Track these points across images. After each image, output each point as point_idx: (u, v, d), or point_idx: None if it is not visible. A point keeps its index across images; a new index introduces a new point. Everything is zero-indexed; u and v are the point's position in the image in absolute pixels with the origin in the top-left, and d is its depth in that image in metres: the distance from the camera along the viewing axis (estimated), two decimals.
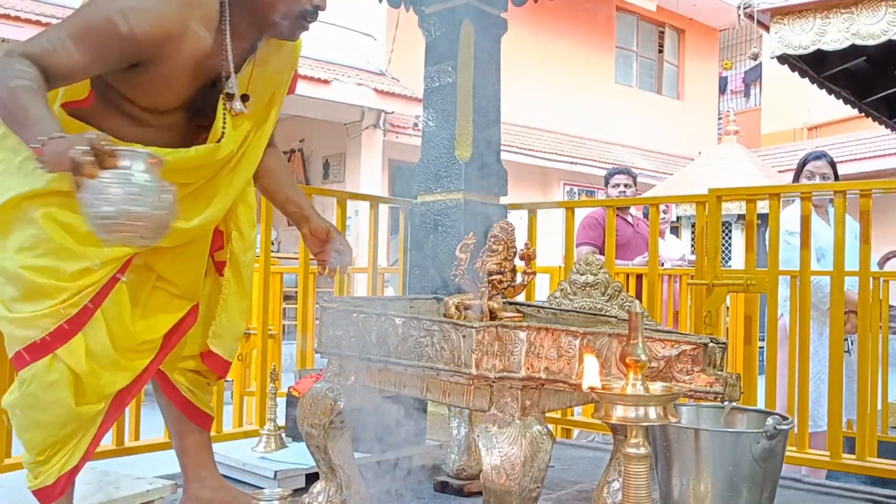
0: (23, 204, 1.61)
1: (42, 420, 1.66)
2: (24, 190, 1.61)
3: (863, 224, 2.67)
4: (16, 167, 1.64)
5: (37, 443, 1.68)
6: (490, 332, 1.55)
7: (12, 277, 1.61)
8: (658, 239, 3.22)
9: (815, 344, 3.19)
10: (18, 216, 1.61)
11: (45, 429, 1.67)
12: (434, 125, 3.01)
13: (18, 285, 1.60)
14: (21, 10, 7.24)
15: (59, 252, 1.60)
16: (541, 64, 12.69)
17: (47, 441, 1.68)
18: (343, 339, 1.86)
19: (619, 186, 4.73)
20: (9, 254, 1.61)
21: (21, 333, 1.62)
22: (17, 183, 1.62)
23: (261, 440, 2.57)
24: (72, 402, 1.66)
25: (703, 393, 1.58)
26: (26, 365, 1.63)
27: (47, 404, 1.65)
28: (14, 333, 1.63)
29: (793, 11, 4.49)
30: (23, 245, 1.61)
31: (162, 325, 1.84)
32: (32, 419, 1.66)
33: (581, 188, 13.16)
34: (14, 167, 1.64)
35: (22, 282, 1.60)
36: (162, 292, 1.84)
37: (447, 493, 2.35)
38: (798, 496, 2.50)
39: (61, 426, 1.68)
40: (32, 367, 1.63)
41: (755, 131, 15.66)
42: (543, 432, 1.55)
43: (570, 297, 2.13)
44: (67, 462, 1.70)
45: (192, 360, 2.01)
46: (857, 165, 11.38)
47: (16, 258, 1.60)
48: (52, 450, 1.69)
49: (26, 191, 1.60)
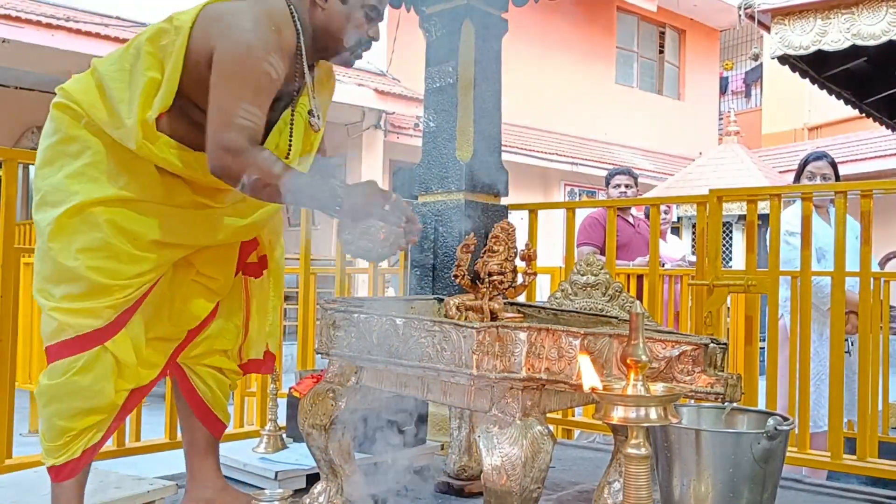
0: (89, 209, 1.73)
1: (81, 407, 1.75)
2: (90, 196, 1.73)
3: (863, 224, 2.66)
4: (79, 172, 1.75)
5: (68, 428, 1.76)
6: (491, 333, 1.55)
7: (75, 276, 1.72)
8: (659, 239, 3.22)
9: (816, 344, 3.19)
10: (84, 220, 1.73)
11: (81, 415, 1.75)
12: (435, 126, 3.01)
13: (81, 283, 1.72)
14: (22, 10, 7.25)
15: (121, 256, 1.74)
16: (541, 64, 12.69)
17: (79, 427, 1.76)
18: (344, 340, 1.86)
19: (619, 187, 4.73)
20: (72, 253, 1.72)
21: (80, 322, 1.72)
22: (82, 188, 1.73)
23: (262, 441, 2.57)
24: (112, 390, 1.77)
25: (704, 393, 1.58)
26: (72, 355, 1.72)
27: (91, 393, 1.74)
28: (69, 322, 1.72)
29: (793, 12, 4.49)
30: (87, 246, 1.72)
31: (196, 315, 1.94)
32: (72, 406, 1.74)
33: (582, 189, 13.16)
34: (77, 172, 1.75)
35: (84, 280, 1.71)
36: (198, 285, 1.95)
37: (448, 493, 2.35)
38: (799, 497, 2.50)
39: (97, 413, 1.77)
40: (81, 357, 1.72)
41: (756, 132, 15.66)
42: (544, 433, 1.55)
43: (571, 297, 2.14)
44: (92, 439, 1.79)
45: (219, 356, 2.05)
46: (857, 166, 11.37)
47: (80, 258, 1.71)
48: (84, 435, 1.78)
49: (93, 197, 1.73)
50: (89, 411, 1.76)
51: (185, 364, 2.03)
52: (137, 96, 1.71)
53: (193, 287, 1.94)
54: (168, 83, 1.71)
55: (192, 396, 2.03)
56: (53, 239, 1.72)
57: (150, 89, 1.72)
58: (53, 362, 1.75)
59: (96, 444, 1.81)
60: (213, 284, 1.96)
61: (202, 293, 1.95)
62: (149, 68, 1.73)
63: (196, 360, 2.02)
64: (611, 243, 3.25)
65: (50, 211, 1.74)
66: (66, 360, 1.73)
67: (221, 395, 2.07)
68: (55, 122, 1.80)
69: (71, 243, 1.72)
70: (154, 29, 1.78)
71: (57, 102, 1.81)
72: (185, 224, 1.83)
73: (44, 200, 1.76)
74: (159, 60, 1.74)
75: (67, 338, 1.73)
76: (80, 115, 1.77)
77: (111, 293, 1.73)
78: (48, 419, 1.77)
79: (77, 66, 8.23)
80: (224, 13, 1.72)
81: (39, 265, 1.77)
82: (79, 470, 1.79)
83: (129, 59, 1.77)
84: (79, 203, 1.72)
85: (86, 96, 1.77)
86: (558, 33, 13.16)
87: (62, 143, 1.78)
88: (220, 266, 1.97)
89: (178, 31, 1.73)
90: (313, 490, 1.99)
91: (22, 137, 9.62)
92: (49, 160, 1.79)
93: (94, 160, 1.75)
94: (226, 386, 2.09)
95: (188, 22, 1.72)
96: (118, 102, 1.73)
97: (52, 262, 1.73)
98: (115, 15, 8.40)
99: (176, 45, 1.72)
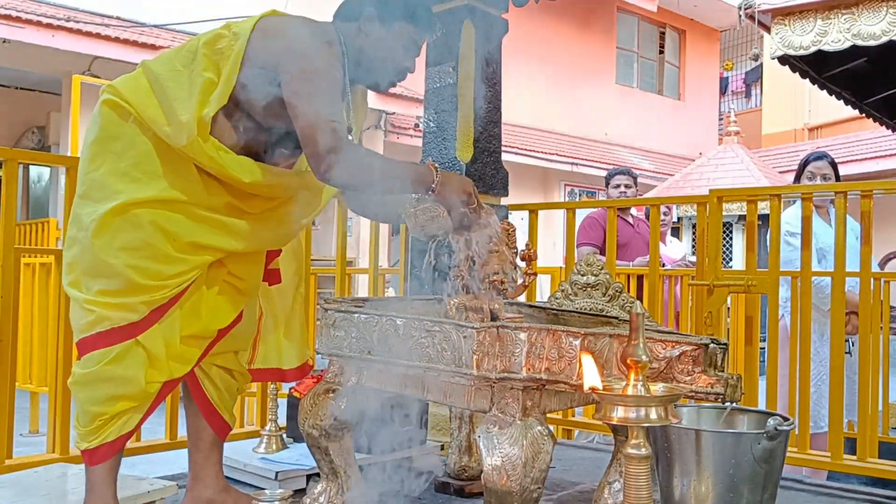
0: (132, 210, 1.79)
1: (113, 394, 1.82)
2: (134, 197, 1.79)
3: (864, 225, 2.66)
4: (122, 171, 1.81)
5: (100, 413, 1.83)
6: (491, 333, 1.55)
7: (114, 272, 1.78)
8: (658, 239, 3.21)
9: (816, 345, 3.19)
10: (127, 219, 1.79)
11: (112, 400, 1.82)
12: (435, 126, 3.01)
13: (119, 280, 1.79)
14: (22, 10, 7.25)
15: (159, 257, 1.80)
16: (541, 64, 12.69)
17: (111, 412, 1.83)
18: (344, 340, 1.86)
19: (619, 187, 4.73)
20: (114, 251, 1.78)
21: (117, 315, 1.79)
22: (126, 188, 1.80)
23: (262, 441, 2.57)
24: (143, 379, 1.83)
25: (704, 394, 1.58)
26: (106, 346, 1.79)
27: (123, 380, 1.81)
28: (107, 314, 1.79)
29: (793, 12, 4.49)
30: (129, 245, 1.79)
31: (227, 316, 1.98)
32: (104, 393, 1.82)
33: (582, 189, 13.16)
34: (120, 171, 1.81)
35: (123, 278, 1.78)
36: (229, 286, 1.99)
37: (448, 493, 2.35)
38: (799, 497, 2.51)
39: (129, 399, 1.84)
40: (114, 349, 1.80)
41: (756, 132, 15.65)
42: (544, 433, 1.55)
43: (571, 297, 2.14)
44: (126, 425, 1.86)
45: (231, 357, 2.08)
46: (858, 166, 11.36)
47: (121, 256, 1.78)
48: (117, 420, 1.84)
49: (136, 198, 1.79)
50: (121, 398, 1.82)
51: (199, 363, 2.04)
52: (196, 94, 1.79)
53: (225, 287, 1.98)
54: (224, 84, 1.80)
55: (199, 395, 2.05)
56: (97, 235, 1.79)
57: (207, 88, 1.80)
58: (88, 353, 1.82)
59: (130, 432, 1.87)
60: (241, 285, 2.01)
61: (232, 294, 1.99)
62: (206, 69, 1.81)
63: (208, 360, 2.03)
64: (611, 243, 3.25)
65: (93, 206, 1.81)
66: (100, 351, 1.80)
67: (228, 396, 2.09)
68: (102, 120, 1.86)
69: (113, 241, 1.79)
70: (211, 34, 1.87)
71: (106, 100, 1.87)
72: (222, 228, 1.88)
73: (87, 195, 1.84)
74: (215, 63, 1.82)
75: (102, 329, 1.80)
76: (127, 114, 1.83)
77: (147, 291, 1.80)
78: (81, 405, 1.84)
79: (77, 66, 8.19)
80: (284, 28, 1.84)
81: (78, 257, 1.83)
82: (112, 454, 1.86)
83: (182, 59, 1.86)
84: (123, 202, 1.78)
85: (136, 95, 1.83)
86: (558, 34, 13.15)
87: (106, 140, 1.84)
88: (248, 268, 2.02)
89: (235, 37, 1.83)
90: (313, 490, 1.99)
91: (22, 138, 9.63)
92: (93, 156, 1.85)
93: (137, 161, 1.82)
94: (233, 388, 2.11)
95: (247, 30, 1.83)
96: (173, 100, 1.80)
97: (93, 257, 1.80)
98: (115, 15, 8.41)
99: (234, 50, 1.81)
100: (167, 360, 1.86)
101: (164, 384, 1.89)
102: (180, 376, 1.92)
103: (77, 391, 1.84)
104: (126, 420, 1.85)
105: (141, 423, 1.91)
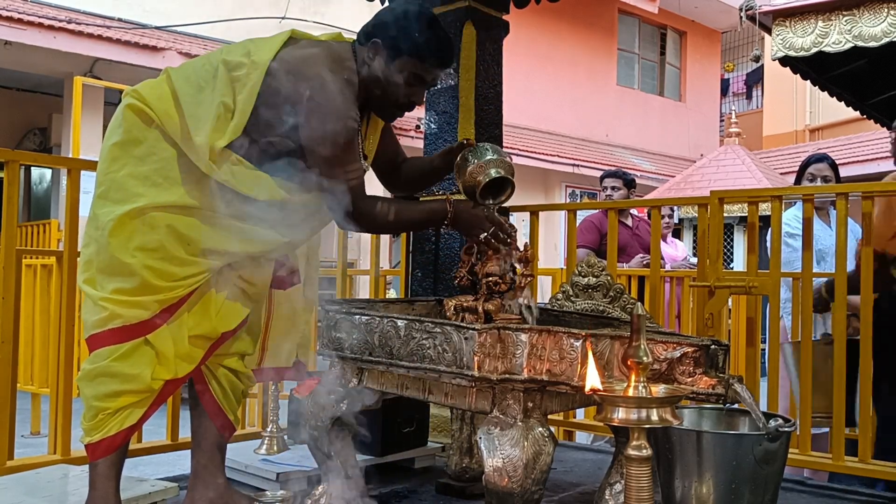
0: (151, 213, 1.84)
1: (117, 389, 1.84)
2: (153, 201, 1.84)
3: (864, 226, 2.66)
4: (144, 175, 1.86)
5: (103, 408, 1.85)
6: (492, 335, 1.55)
7: (129, 271, 1.83)
8: (659, 241, 3.21)
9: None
10: (145, 221, 1.84)
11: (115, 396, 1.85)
12: (436, 127, 3.01)
13: (134, 279, 1.83)
14: (24, 12, 7.25)
15: (173, 259, 1.85)
16: (542, 66, 12.69)
17: (113, 406, 1.85)
18: (345, 342, 1.87)
19: (607, 189, 4.74)
20: (130, 251, 1.83)
21: (130, 313, 1.83)
22: (146, 192, 1.85)
23: (263, 442, 2.57)
24: (149, 376, 1.86)
25: (705, 395, 1.58)
26: (116, 343, 1.83)
27: (128, 377, 1.84)
28: (121, 312, 1.83)
29: (794, 13, 4.50)
30: (144, 246, 1.84)
31: (234, 319, 1.99)
32: (108, 388, 1.85)
33: (583, 190, 13.16)
34: (142, 175, 1.86)
35: (137, 277, 1.83)
36: (238, 289, 2.02)
37: (449, 494, 2.35)
38: (800, 498, 2.50)
39: (132, 395, 1.86)
40: (123, 346, 1.83)
41: (757, 133, 15.63)
42: (545, 434, 1.55)
43: (573, 299, 2.14)
44: (127, 419, 1.87)
45: (236, 359, 2.08)
46: (858, 168, 11.34)
47: (138, 255, 1.83)
48: (119, 414, 1.87)
49: (156, 202, 1.84)
50: (124, 393, 1.85)
51: (205, 363, 2.04)
52: (209, 119, 1.85)
53: (234, 291, 2.01)
54: (239, 116, 1.85)
55: (205, 396, 2.06)
56: (114, 235, 1.83)
57: (221, 114, 1.86)
58: (98, 349, 1.85)
59: (132, 426, 1.89)
60: (250, 290, 2.03)
61: (240, 297, 2.01)
62: (224, 94, 1.87)
63: (215, 361, 2.04)
64: (611, 245, 3.25)
65: (112, 207, 1.85)
66: (110, 348, 1.84)
67: (234, 397, 2.10)
68: (125, 123, 1.89)
69: (130, 241, 1.83)
70: (233, 54, 1.92)
71: (130, 104, 1.90)
72: (237, 234, 1.91)
73: (105, 195, 1.88)
74: (231, 88, 1.87)
75: (114, 326, 1.84)
76: (151, 120, 1.87)
77: (160, 291, 1.84)
78: (87, 401, 1.88)
79: (79, 68, 8.18)
80: (303, 69, 1.87)
81: (94, 256, 1.87)
82: (114, 448, 1.87)
83: (204, 75, 1.91)
84: (142, 205, 1.83)
85: (160, 103, 1.88)
86: (559, 35, 13.15)
87: (128, 144, 1.88)
88: (257, 272, 2.04)
89: (254, 66, 1.87)
90: (314, 491, 1.99)
91: (24, 139, 9.63)
92: (113, 158, 1.89)
93: (159, 166, 1.86)
94: (239, 389, 2.12)
95: (265, 62, 1.87)
96: (188, 117, 1.86)
97: (109, 256, 1.84)
98: (116, 17, 8.41)
99: (251, 79, 1.86)
100: (175, 358, 1.89)
101: (168, 382, 1.90)
102: (184, 375, 1.93)
103: (84, 387, 1.88)
104: (128, 414, 1.87)
105: (143, 419, 1.92)
